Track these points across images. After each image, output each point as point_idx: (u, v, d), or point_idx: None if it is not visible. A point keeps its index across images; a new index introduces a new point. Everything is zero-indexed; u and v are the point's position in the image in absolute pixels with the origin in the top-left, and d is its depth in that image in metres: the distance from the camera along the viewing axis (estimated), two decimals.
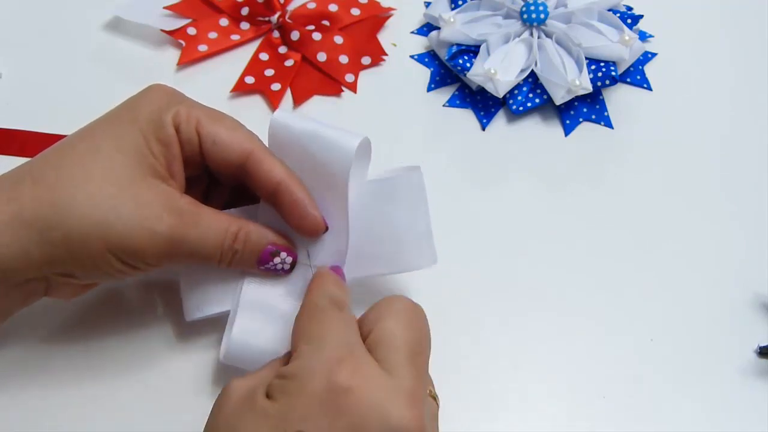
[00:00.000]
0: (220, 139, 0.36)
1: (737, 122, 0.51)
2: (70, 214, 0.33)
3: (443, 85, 0.52)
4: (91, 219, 0.33)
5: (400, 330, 0.32)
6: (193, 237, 0.35)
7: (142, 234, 0.34)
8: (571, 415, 0.40)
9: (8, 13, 0.55)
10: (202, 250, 0.35)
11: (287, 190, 0.36)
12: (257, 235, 0.37)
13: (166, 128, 0.35)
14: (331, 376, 0.29)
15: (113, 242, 0.34)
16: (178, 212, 0.35)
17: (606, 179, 0.48)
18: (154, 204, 0.34)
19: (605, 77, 0.49)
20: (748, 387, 0.41)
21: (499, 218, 0.46)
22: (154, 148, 0.35)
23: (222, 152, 0.36)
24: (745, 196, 0.48)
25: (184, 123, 0.36)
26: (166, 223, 0.34)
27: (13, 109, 0.50)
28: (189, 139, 0.36)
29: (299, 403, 0.29)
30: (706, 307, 0.43)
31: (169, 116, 0.36)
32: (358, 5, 0.55)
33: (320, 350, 0.30)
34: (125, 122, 0.36)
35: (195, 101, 0.38)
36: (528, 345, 0.42)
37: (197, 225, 0.35)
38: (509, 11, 0.52)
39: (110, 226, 0.33)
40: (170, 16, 0.54)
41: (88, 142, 0.35)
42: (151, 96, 0.37)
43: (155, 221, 0.34)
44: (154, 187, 0.35)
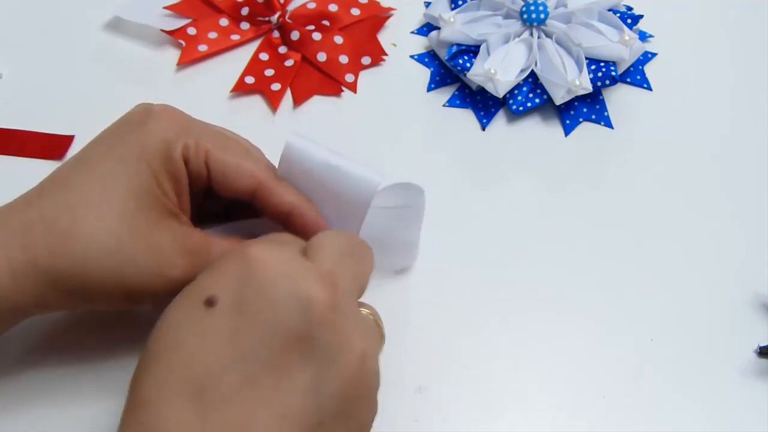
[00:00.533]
0: (229, 172, 0.36)
1: (737, 122, 0.51)
2: (86, 267, 0.33)
3: (443, 85, 0.52)
4: (109, 271, 0.33)
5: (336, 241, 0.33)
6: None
7: (157, 281, 0.34)
8: (571, 415, 0.40)
9: (8, 13, 0.55)
10: None
11: (299, 214, 0.36)
12: None
13: (175, 163, 0.35)
14: (246, 249, 0.31)
15: (129, 290, 0.34)
16: (192, 253, 0.35)
17: (606, 179, 0.48)
18: (168, 249, 0.34)
19: (605, 77, 0.49)
20: (748, 387, 0.41)
21: (499, 218, 0.46)
22: (164, 185, 0.35)
23: (231, 184, 0.36)
24: (745, 196, 0.48)
25: (193, 156, 0.35)
26: (181, 267, 0.34)
27: (13, 109, 0.50)
28: (198, 172, 0.35)
29: (215, 273, 0.31)
30: (706, 307, 0.43)
31: (178, 149, 0.35)
32: (358, 5, 0.55)
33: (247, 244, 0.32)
34: (134, 157, 0.34)
35: (202, 125, 0.37)
36: (528, 345, 0.42)
37: (208, 263, 0.34)
38: (509, 11, 0.52)
39: (127, 276, 0.33)
40: (170, 16, 0.54)
41: (97, 182, 0.34)
42: (159, 125, 0.35)
43: (170, 268, 0.34)
44: (167, 229, 0.34)
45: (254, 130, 0.38)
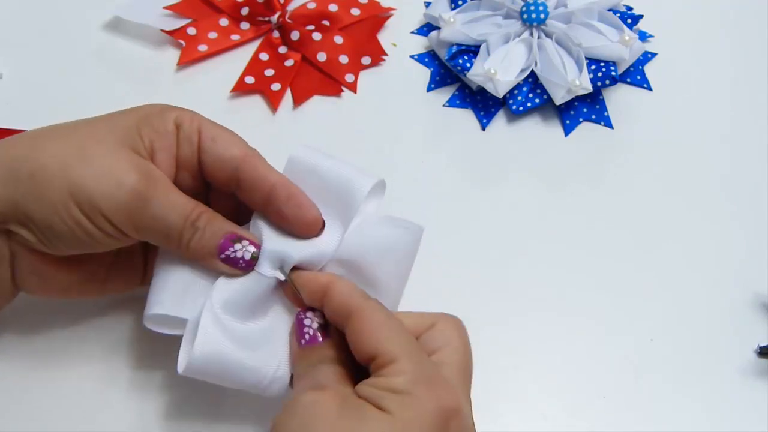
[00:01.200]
0: (219, 138, 0.36)
1: (737, 122, 0.51)
2: (41, 152, 0.34)
3: (443, 85, 0.52)
4: (60, 159, 0.34)
5: (461, 354, 0.34)
6: (158, 202, 0.34)
7: (106, 182, 0.34)
8: (571, 415, 0.40)
9: (8, 14, 0.55)
10: (165, 218, 0.35)
11: (283, 187, 0.36)
12: (221, 221, 0.36)
13: (164, 121, 0.36)
14: (439, 401, 0.31)
15: (76, 185, 0.33)
16: (148, 175, 0.35)
17: (606, 179, 0.48)
18: (126, 162, 0.34)
19: (605, 77, 0.49)
20: (748, 387, 0.41)
21: (499, 218, 0.46)
22: (144, 134, 0.36)
23: (220, 150, 0.36)
24: (745, 196, 0.48)
25: (186, 122, 0.36)
26: (134, 179, 0.34)
27: (14, 109, 0.50)
28: (189, 137, 0.36)
29: (417, 418, 0.31)
30: (706, 307, 0.43)
31: (171, 114, 0.36)
32: (358, 5, 0.55)
33: (418, 369, 0.32)
34: (125, 112, 0.37)
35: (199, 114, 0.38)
36: (528, 345, 0.42)
37: (165, 193, 0.35)
38: (509, 11, 0.52)
39: (76, 169, 0.34)
40: (170, 16, 0.54)
41: (84, 120, 0.36)
42: (156, 104, 0.37)
43: (123, 174, 0.34)
44: (131, 154, 0.35)
45: (254, 130, 0.38)
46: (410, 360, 0.32)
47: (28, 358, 0.40)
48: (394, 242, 0.37)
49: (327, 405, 0.31)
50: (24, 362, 0.40)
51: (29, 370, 0.40)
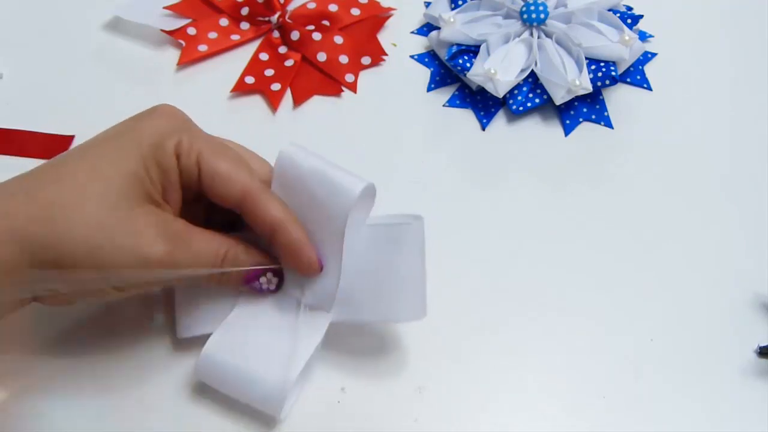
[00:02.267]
0: (219, 176, 0.36)
1: (737, 122, 0.51)
2: (63, 238, 0.33)
3: (443, 85, 0.52)
4: (86, 245, 0.33)
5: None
6: (184, 262, 0.35)
7: (134, 261, 0.34)
8: (571, 415, 0.40)
9: (8, 14, 0.55)
10: (192, 273, 0.35)
11: (283, 232, 0.36)
12: (244, 254, 0.37)
13: (166, 155, 0.35)
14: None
15: (104, 265, 0.33)
16: (171, 238, 0.35)
17: (606, 179, 0.48)
18: (148, 231, 0.34)
19: (605, 77, 0.49)
20: (748, 387, 0.41)
21: (499, 218, 0.46)
22: (152, 173, 0.35)
23: (220, 189, 0.36)
24: (745, 196, 0.48)
25: (185, 154, 0.36)
26: (159, 249, 0.34)
27: (14, 109, 0.50)
28: (188, 171, 0.36)
29: None
30: (706, 307, 0.43)
31: (171, 143, 0.36)
32: (358, 5, 0.55)
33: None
34: (127, 144, 0.35)
35: (199, 129, 0.37)
36: (528, 345, 0.42)
37: (188, 249, 0.35)
38: (509, 11, 0.52)
39: (104, 252, 0.33)
40: (170, 16, 0.54)
41: (87, 162, 0.35)
42: (157, 119, 0.36)
43: (148, 248, 0.34)
44: (149, 213, 0.35)
45: (254, 130, 0.39)
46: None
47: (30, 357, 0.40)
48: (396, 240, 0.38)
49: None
50: (26, 362, 0.40)
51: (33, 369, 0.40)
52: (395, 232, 0.38)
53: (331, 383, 0.40)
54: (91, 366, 0.40)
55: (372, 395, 0.40)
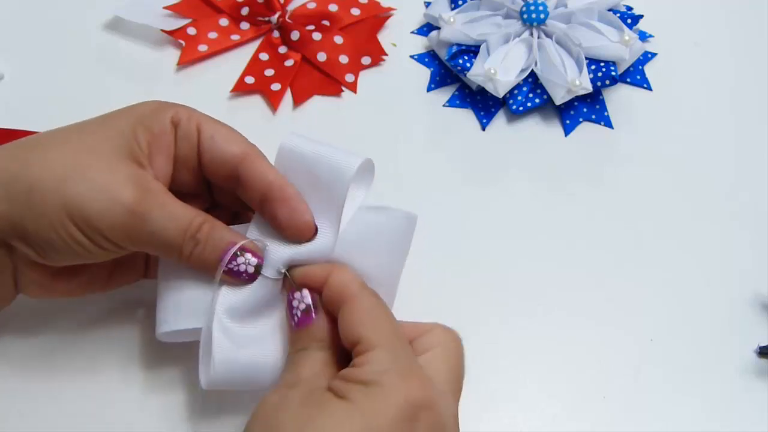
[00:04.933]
0: (218, 135, 0.36)
1: (737, 122, 0.51)
2: (36, 168, 0.33)
3: (443, 85, 0.52)
4: (55, 174, 0.33)
5: (450, 356, 0.34)
6: (156, 216, 0.34)
7: (102, 199, 0.33)
8: (571, 415, 0.40)
9: (9, 14, 0.55)
10: (163, 233, 0.34)
11: (279, 189, 0.36)
12: (222, 231, 0.36)
13: (160, 121, 0.35)
14: (408, 392, 0.30)
15: (72, 202, 0.33)
16: (145, 189, 0.34)
17: (606, 179, 0.48)
18: (122, 175, 0.34)
19: (605, 77, 0.49)
20: (748, 387, 0.41)
21: (498, 218, 0.46)
22: (140, 136, 0.35)
23: (219, 148, 0.36)
24: (746, 196, 0.48)
25: (184, 120, 0.36)
26: (130, 194, 0.33)
27: (14, 109, 0.50)
28: (187, 135, 0.36)
29: (381, 408, 0.30)
30: (706, 307, 0.43)
31: (167, 113, 0.36)
32: (358, 5, 0.55)
33: (393, 359, 0.31)
34: (119, 114, 0.36)
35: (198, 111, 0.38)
36: (528, 345, 0.42)
37: (162, 206, 0.34)
38: (509, 11, 0.52)
39: (72, 185, 0.33)
40: (170, 16, 0.54)
41: (78, 125, 0.36)
42: (153, 101, 0.37)
43: (119, 190, 0.33)
44: (127, 165, 0.34)
45: (254, 130, 0.38)
46: (388, 350, 0.31)
47: (30, 359, 0.40)
48: (385, 230, 0.37)
49: (291, 399, 0.31)
50: (26, 363, 0.40)
51: (32, 371, 0.40)
52: (388, 223, 0.37)
53: None
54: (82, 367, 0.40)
55: None
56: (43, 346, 0.41)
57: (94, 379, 0.40)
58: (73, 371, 0.40)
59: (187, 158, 0.36)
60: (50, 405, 0.39)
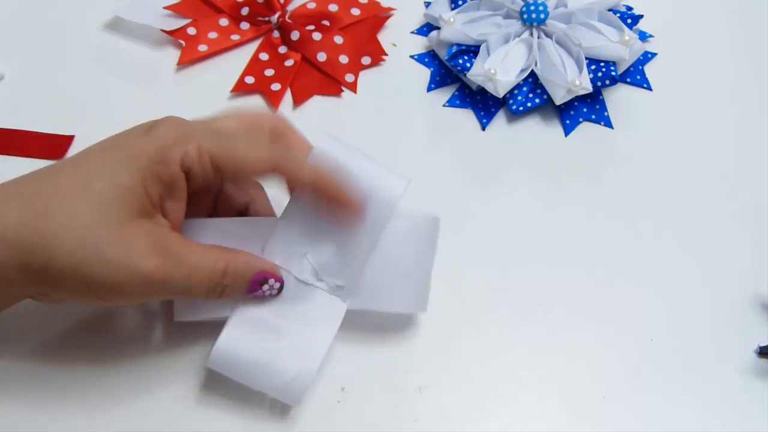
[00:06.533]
0: (240, 165, 0.36)
1: (738, 122, 0.51)
2: (52, 247, 0.33)
3: (443, 85, 0.52)
4: (74, 258, 0.33)
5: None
6: (177, 277, 0.34)
7: (124, 275, 0.33)
8: (572, 415, 0.40)
9: (9, 14, 0.55)
10: (187, 289, 0.35)
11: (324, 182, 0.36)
12: (245, 268, 0.36)
13: (170, 167, 0.34)
14: None
15: (93, 280, 0.33)
16: (163, 252, 0.34)
17: (606, 179, 0.48)
18: (138, 243, 0.33)
19: (605, 77, 0.49)
20: (748, 387, 0.41)
21: (498, 218, 0.46)
22: (151, 188, 0.34)
23: (247, 173, 0.36)
24: (746, 196, 0.48)
25: (195, 163, 0.35)
26: (150, 263, 0.33)
27: (14, 109, 0.50)
28: (204, 175, 0.35)
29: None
30: (706, 307, 0.43)
31: (176, 156, 0.34)
32: (358, 5, 0.55)
33: None
34: (125, 156, 0.34)
35: (203, 127, 0.36)
36: (528, 345, 0.42)
37: (182, 265, 0.34)
38: (509, 11, 0.52)
39: (92, 266, 0.33)
40: (170, 16, 0.54)
41: (82, 173, 0.34)
42: (160, 131, 0.35)
43: (138, 261, 0.33)
44: (141, 226, 0.34)
45: None
46: None
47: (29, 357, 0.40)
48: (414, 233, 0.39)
49: None
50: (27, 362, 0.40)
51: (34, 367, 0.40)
52: (412, 225, 0.39)
53: (331, 383, 0.40)
54: (90, 366, 0.40)
55: (372, 395, 0.40)
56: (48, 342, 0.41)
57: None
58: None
59: (200, 190, 0.36)
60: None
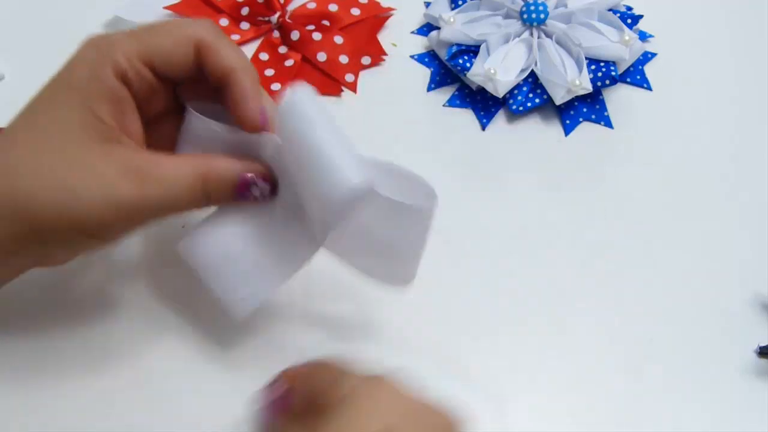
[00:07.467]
0: (164, 55, 0.34)
1: (737, 122, 0.51)
2: (28, 207, 0.32)
3: (443, 85, 0.52)
4: (52, 208, 0.32)
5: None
6: (155, 195, 0.33)
7: (107, 208, 0.33)
8: (572, 415, 0.40)
9: (9, 14, 0.55)
10: (171, 204, 0.34)
11: (234, 80, 0.35)
12: (227, 171, 0.35)
13: (107, 84, 0.34)
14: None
15: (81, 223, 0.33)
16: (134, 173, 0.33)
17: (606, 179, 0.48)
18: (106, 173, 0.33)
19: (605, 77, 0.49)
20: (748, 387, 0.41)
21: (498, 218, 0.46)
22: (99, 111, 0.34)
23: (173, 63, 0.35)
24: (746, 196, 0.48)
25: (128, 69, 0.34)
26: (123, 189, 0.33)
27: (14, 109, 0.49)
28: (141, 78, 0.35)
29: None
30: (706, 307, 0.43)
31: (107, 71, 0.34)
32: (358, 5, 0.55)
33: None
34: (63, 94, 0.34)
35: (127, 33, 0.35)
36: (528, 345, 0.42)
37: (160, 181, 0.33)
38: (509, 11, 0.52)
39: (71, 210, 0.32)
40: (170, 16, 0.54)
41: (33, 127, 0.34)
42: (85, 54, 0.35)
43: (111, 191, 0.33)
44: (106, 154, 0.33)
45: None
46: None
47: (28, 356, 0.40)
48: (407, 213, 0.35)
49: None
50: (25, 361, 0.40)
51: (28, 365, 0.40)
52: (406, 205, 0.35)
53: None
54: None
55: None
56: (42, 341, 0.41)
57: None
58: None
59: (150, 92, 0.36)
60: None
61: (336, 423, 0.30)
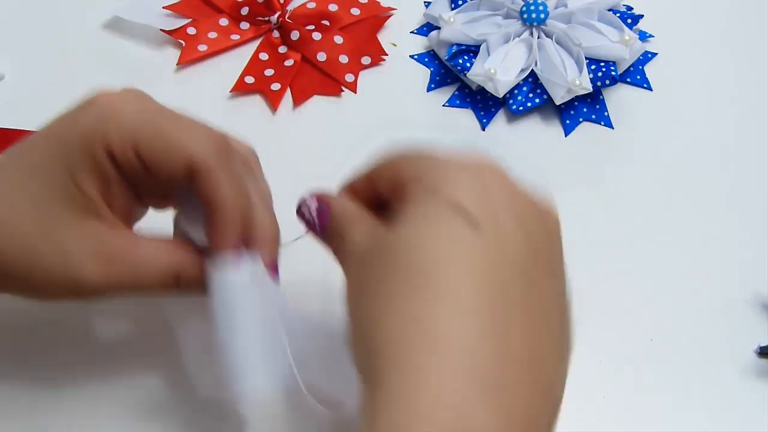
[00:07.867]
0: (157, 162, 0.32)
1: (737, 122, 0.51)
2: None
3: (443, 85, 0.52)
4: (17, 268, 0.32)
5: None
6: (128, 279, 0.32)
7: (65, 284, 0.32)
8: (571, 415, 0.40)
9: (9, 14, 0.55)
10: (142, 289, 0.33)
11: (216, 218, 0.32)
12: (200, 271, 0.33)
13: (96, 159, 0.32)
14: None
15: (41, 292, 0.33)
16: (107, 258, 0.32)
17: (606, 179, 0.48)
18: (78, 252, 0.32)
19: (605, 77, 0.49)
20: (748, 387, 0.41)
21: None
22: (85, 183, 0.32)
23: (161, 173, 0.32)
24: (746, 196, 0.48)
25: (118, 153, 0.32)
26: (90, 270, 0.32)
27: (15, 109, 0.50)
28: (130, 164, 0.32)
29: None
30: (706, 307, 0.43)
31: (99, 145, 0.31)
32: (358, 5, 0.55)
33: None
34: (55, 149, 0.32)
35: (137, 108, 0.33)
36: None
37: (132, 265, 0.32)
38: (509, 11, 0.52)
39: (34, 277, 0.32)
40: (170, 16, 0.54)
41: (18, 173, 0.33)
42: (86, 117, 0.33)
43: (79, 271, 0.32)
44: (81, 230, 0.32)
45: (254, 130, 0.38)
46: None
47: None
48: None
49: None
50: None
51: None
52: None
53: None
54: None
55: None
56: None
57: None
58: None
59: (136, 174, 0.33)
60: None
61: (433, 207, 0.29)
